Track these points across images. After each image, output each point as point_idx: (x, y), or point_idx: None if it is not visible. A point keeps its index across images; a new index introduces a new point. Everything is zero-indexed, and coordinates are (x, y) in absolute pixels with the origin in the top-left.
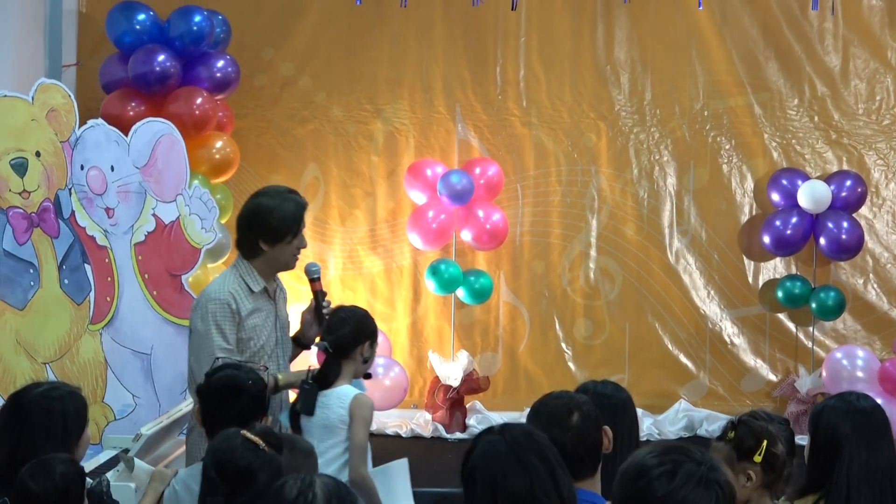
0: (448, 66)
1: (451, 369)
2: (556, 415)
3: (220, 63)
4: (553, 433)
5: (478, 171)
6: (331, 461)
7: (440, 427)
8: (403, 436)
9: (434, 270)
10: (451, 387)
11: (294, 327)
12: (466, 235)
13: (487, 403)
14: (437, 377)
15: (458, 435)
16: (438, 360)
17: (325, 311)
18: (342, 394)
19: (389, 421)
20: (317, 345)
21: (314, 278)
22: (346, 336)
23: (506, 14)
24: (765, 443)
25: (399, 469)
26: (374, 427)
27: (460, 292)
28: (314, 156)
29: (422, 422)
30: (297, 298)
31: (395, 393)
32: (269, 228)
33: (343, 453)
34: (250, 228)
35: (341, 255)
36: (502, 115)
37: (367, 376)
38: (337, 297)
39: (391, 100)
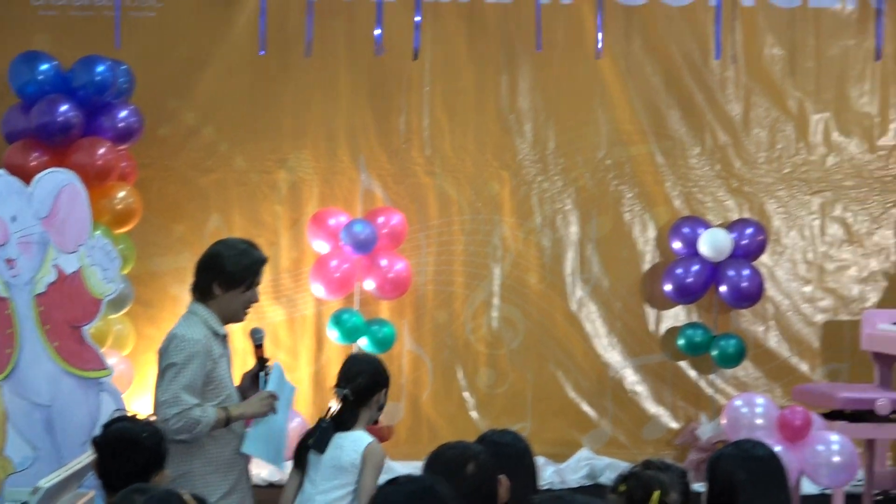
0: (352, 115)
1: None
2: (451, 465)
3: (124, 113)
4: (448, 483)
5: (381, 220)
6: (334, 501)
7: None
8: None
9: (337, 320)
10: None
11: None
12: (370, 285)
13: (390, 452)
14: None
15: None
16: None
17: (263, 376)
18: (357, 438)
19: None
20: (336, 392)
21: (258, 345)
22: (365, 384)
23: (410, 64)
24: (657, 493)
25: None
26: (276, 477)
27: (363, 342)
28: (217, 206)
29: None
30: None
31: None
32: (225, 273)
33: (347, 495)
34: (207, 271)
35: None
36: (406, 165)
37: (375, 422)
38: (239, 347)
39: (295, 149)
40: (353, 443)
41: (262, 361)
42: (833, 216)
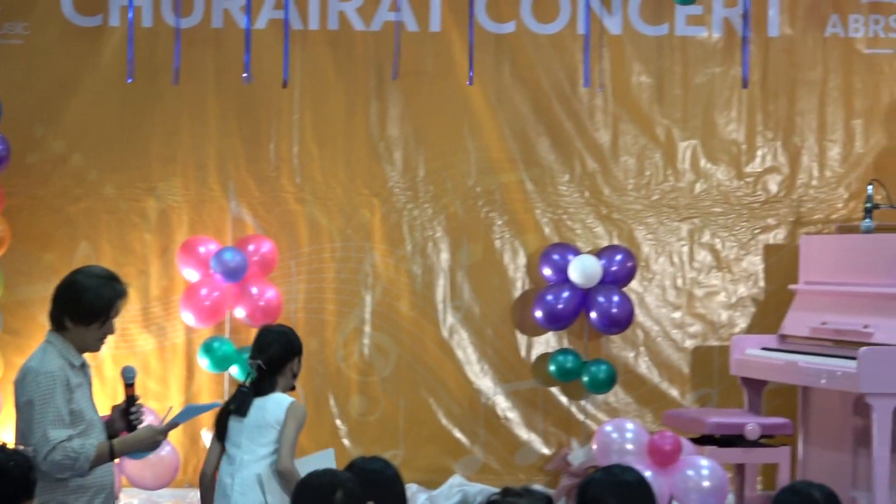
0: (221, 143)
1: None
2: (319, 492)
3: None
4: None
5: (251, 248)
6: (260, 458)
7: None
8: None
9: (208, 348)
10: None
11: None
12: (240, 313)
13: None
14: None
15: None
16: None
17: (132, 416)
18: (280, 399)
19: (162, 501)
20: (250, 363)
21: (129, 383)
22: (278, 353)
23: (279, 91)
24: None
25: (325, 458)
26: None
27: (234, 370)
28: (86, 234)
29: (196, 501)
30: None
31: (167, 472)
32: (77, 308)
33: (272, 454)
34: (60, 303)
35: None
36: (276, 192)
37: (292, 388)
38: (109, 375)
39: (164, 177)
40: (276, 403)
41: (131, 399)
42: (702, 242)
